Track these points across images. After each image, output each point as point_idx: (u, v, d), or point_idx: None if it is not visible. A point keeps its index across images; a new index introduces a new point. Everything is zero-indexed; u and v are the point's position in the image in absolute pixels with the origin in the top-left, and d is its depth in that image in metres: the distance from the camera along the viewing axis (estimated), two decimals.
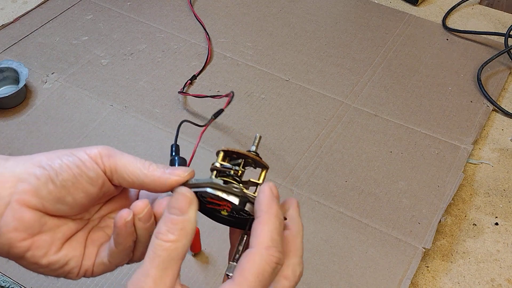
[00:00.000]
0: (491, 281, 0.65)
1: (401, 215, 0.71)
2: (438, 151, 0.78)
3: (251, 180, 0.45)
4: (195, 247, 0.65)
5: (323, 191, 0.73)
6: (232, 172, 0.44)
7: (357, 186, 0.73)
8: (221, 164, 0.44)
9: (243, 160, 0.45)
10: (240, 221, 0.45)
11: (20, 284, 0.63)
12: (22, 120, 0.80)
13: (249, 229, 0.44)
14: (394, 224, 0.70)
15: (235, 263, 0.42)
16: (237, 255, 0.42)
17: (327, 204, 0.71)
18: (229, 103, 0.68)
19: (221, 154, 0.45)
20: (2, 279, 0.63)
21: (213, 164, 0.45)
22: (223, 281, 0.44)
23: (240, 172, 0.44)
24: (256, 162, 0.45)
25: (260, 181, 0.45)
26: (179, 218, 0.39)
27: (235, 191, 0.42)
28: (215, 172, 0.45)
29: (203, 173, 0.46)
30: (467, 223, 0.71)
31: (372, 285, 0.64)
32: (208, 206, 0.43)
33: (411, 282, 0.64)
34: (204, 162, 0.76)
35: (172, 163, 0.50)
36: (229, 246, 0.46)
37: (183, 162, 0.50)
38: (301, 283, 0.64)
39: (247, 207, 0.42)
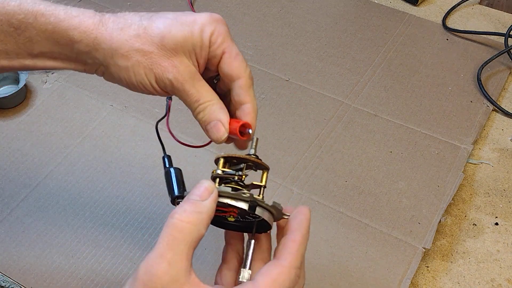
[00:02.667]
0: (491, 281, 0.65)
1: (401, 215, 0.71)
2: (438, 151, 0.78)
3: (254, 183, 0.45)
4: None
5: (323, 191, 0.73)
6: (236, 177, 0.44)
7: (357, 186, 0.73)
8: (223, 171, 0.44)
9: (244, 164, 0.45)
10: (246, 225, 0.45)
11: (20, 284, 0.63)
12: (22, 120, 0.80)
13: (256, 231, 0.45)
14: (394, 224, 0.70)
15: (248, 270, 0.42)
16: (248, 262, 0.43)
17: (327, 204, 0.71)
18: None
19: (222, 161, 0.45)
20: (2, 279, 0.63)
21: (214, 171, 0.45)
22: (216, 282, 0.45)
23: (243, 177, 0.44)
24: (257, 164, 0.45)
25: (263, 183, 0.45)
26: (197, 202, 0.40)
27: (244, 197, 0.42)
28: (218, 179, 0.44)
29: (203, 174, 0.46)
30: (467, 223, 0.71)
31: (372, 285, 0.64)
32: (215, 214, 0.43)
33: (411, 282, 0.64)
34: (204, 162, 0.76)
35: (168, 175, 0.50)
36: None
37: (179, 173, 0.50)
38: None
39: (257, 211, 0.42)
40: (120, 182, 0.73)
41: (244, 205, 0.42)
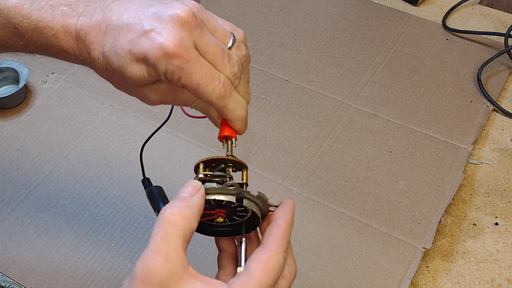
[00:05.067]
0: (491, 281, 0.66)
1: (401, 215, 0.71)
2: (438, 151, 0.78)
3: (236, 182, 0.46)
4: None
5: (323, 191, 0.73)
6: (218, 179, 0.44)
7: (357, 186, 0.73)
8: (205, 175, 0.44)
9: (224, 165, 0.45)
10: (234, 227, 0.46)
11: (20, 284, 0.63)
12: (22, 120, 0.80)
13: (246, 231, 0.45)
14: (394, 224, 0.70)
15: (243, 268, 0.42)
16: (243, 260, 0.44)
17: (327, 204, 0.71)
18: None
19: (202, 166, 0.45)
20: (2, 279, 0.63)
21: (196, 177, 0.45)
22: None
23: (227, 179, 0.45)
24: (235, 163, 0.46)
25: (244, 181, 0.46)
26: (187, 197, 0.40)
27: (230, 189, 0.42)
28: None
29: None
30: (467, 223, 0.71)
31: (372, 285, 0.64)
32: (202, 219, 0.43)
33: (411, 282, 0.64)
34: None
35: (151, 194, 0.49)
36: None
37: (160, 191, 0.50)
38: (301, 283, 0.64)
39: (244, 202, 0.43)
40: (120, 182, 0.73)
41: (231, 198, 0.42)
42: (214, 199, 0.42)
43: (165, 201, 0.49)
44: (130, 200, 0.71)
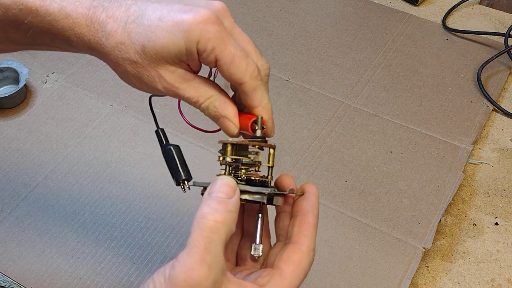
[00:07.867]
0: (491, 281, 0.66)
1: (401, 215, 0.71)
2: (438, 151, 0.78)
3: (262, 164, 0.45)
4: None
5: (323, 191, 0.73)
6: (247, 167, 0.44)
7: (357, 186, 0.73)
8: (232, 159, 0.44)
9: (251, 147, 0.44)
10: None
11: (20, 284, 0.63)
12: (22, 120, 0.80)
13: (265, 204, 0.45)
14: (394, 224, 0.70)
15: (260, 245, 0.44)
16: (258, 236, 0.44)
17: (327, 204, 0.71)
18: None
19: (229, 147, 0.44)
20: (2, 279, 0.63)
21: (221, 158, 0.44)
22: None
23: (257, 167, 0.44)
24: (262, 147, 0.45)
25: (270, 163, 0.45)
26: (226, 200, 0.39)
27: (263, 191, 0.42)
28: (227, 167, 0.44)
29: (203, 173, 0.46)
30: (467, 223, 0.71)
31: (372, 285, 0.64)
32: None
33: (411, 282, 0.64)
34: (205, 162, 0.76)
35: (168, 156, 0.47)
36: None
37: (178, 153, 0.47)
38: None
39: (274, 201, 0.43)
40: (120, 182, 0.73)
41: (262, 199, 0.43)
42: (246, 199, 0.42)
43: (184, 168, 0.46)
44: (130, 200, 0.71)
